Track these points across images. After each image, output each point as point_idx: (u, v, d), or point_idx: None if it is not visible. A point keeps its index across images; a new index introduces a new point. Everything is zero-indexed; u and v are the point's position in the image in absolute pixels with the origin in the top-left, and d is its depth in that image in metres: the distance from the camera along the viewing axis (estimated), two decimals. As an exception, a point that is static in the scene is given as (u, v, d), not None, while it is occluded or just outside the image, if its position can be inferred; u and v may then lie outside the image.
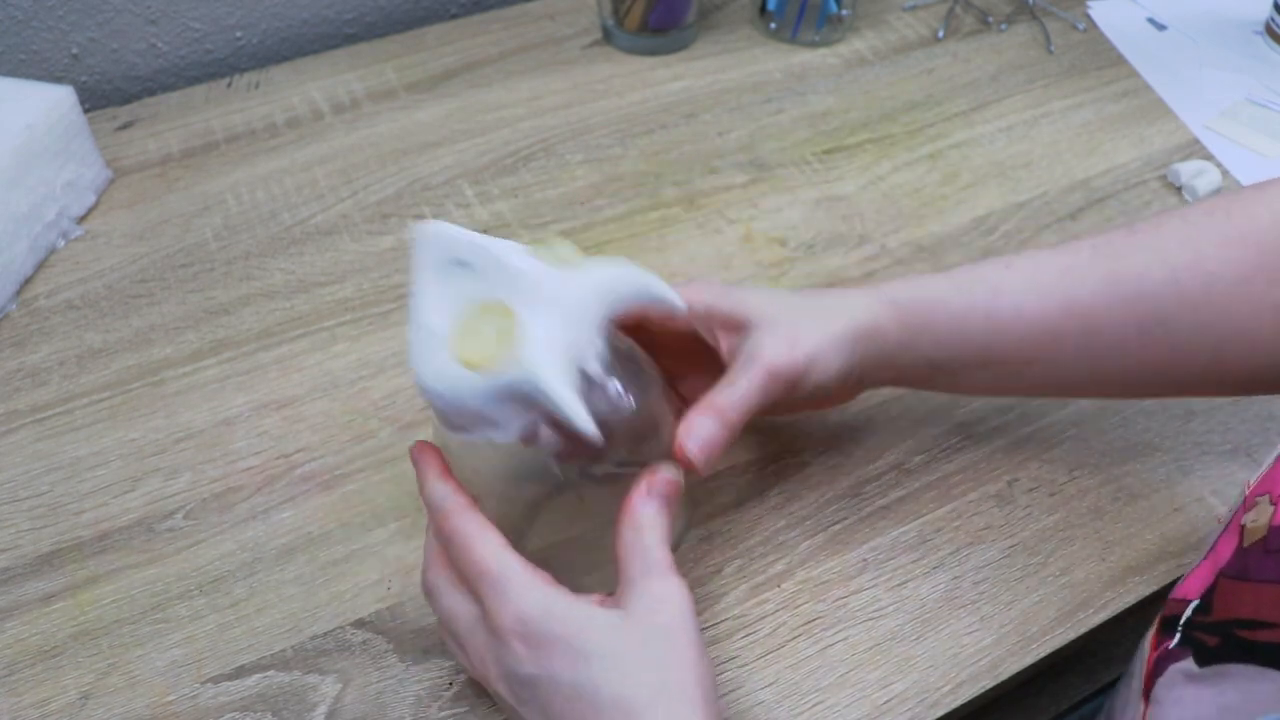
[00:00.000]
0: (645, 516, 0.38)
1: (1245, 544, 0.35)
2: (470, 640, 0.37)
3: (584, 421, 0.35)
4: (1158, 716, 0.37)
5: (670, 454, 0.40)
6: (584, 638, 0.35)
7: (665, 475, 0.39)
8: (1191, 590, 0.39)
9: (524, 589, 0.36)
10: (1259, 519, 0.35)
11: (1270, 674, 0.33)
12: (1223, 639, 0.35)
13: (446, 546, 0.38)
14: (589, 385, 0.36)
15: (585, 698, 0.34)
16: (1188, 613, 0.38)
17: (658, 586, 0.36)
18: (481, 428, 0.37)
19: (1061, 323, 0.43)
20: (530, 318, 0.35)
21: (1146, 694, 0.39)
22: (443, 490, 0.39)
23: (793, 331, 0.41)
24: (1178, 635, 0.38)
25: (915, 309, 0.44)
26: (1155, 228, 0.44)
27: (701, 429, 0.39)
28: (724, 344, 0.43)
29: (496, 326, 0.36)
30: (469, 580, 0.37)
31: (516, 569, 0.36)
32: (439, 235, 0.37)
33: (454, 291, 0.36)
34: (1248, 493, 0.38)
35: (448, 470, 0.40)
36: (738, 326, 0.43)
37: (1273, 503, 0.35)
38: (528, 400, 0.35)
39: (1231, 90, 0.76)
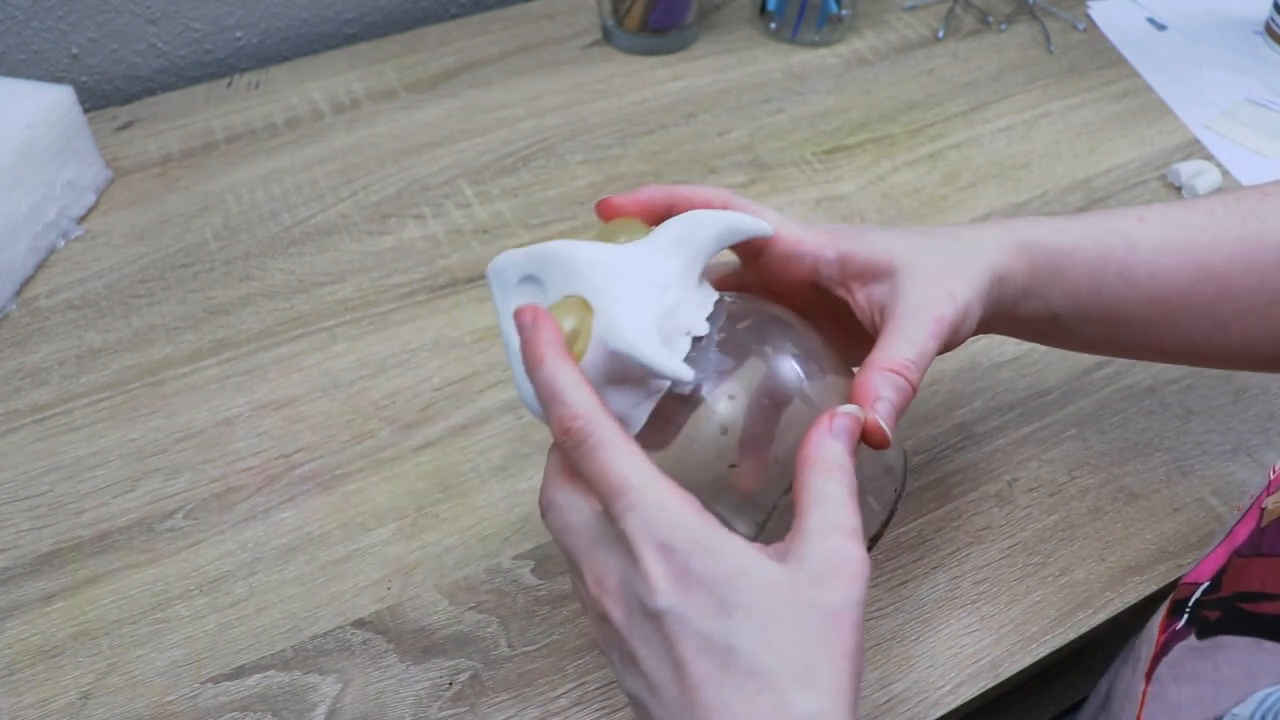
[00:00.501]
0: (831, 455, 0.32)
1: (1263, 524, 0.35)
2: (590, 558, 0.32)
3: (668, 364, 0.32)
4: (1158, 694, 0.36)
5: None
6: (733, 585, 0.30)
7: (850, 413, 0.33)
8: (1204, 574, 0.38)
9: (672, 513, 0.30)
10: (1275, 506, 0.35)
11: (1268, 645, 0.32)
12: (1224, 612, 0.35)
13: (575, 450, 0.32)
14: (702, 345, 0.34)
15: (716, 653, 0.29)
16: (1197, 594, 0.38)
17: (836, 552, 0.31)
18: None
19: (1194, 285, 0.40)
20: (603, 298, 0.33)
21: (1149, 675, 0.38)
22: (570, 379, 0.32)
23: (944, 278, 0.37)
24: (1185, 616, 0.38)
25: (1048, 255, 0.40)
26: None
27: (885, 390, 0.34)
28: (859, 295, 0.38)
29: (574, 319, 0.33)
30: (604, 494, 0.31)
31: (663, 488, 0.31)
32: (504, 263, 0.36)
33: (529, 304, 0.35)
34: (1273, 477, 0.38)
35: (569, 352, 0.33)
36: (878, 274, 0.38)
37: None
38: (625, 373, 0.33)
39: (1231, 90, 0.76)
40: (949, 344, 0.37)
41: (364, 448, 0.51)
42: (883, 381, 0.34)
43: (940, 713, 0.42)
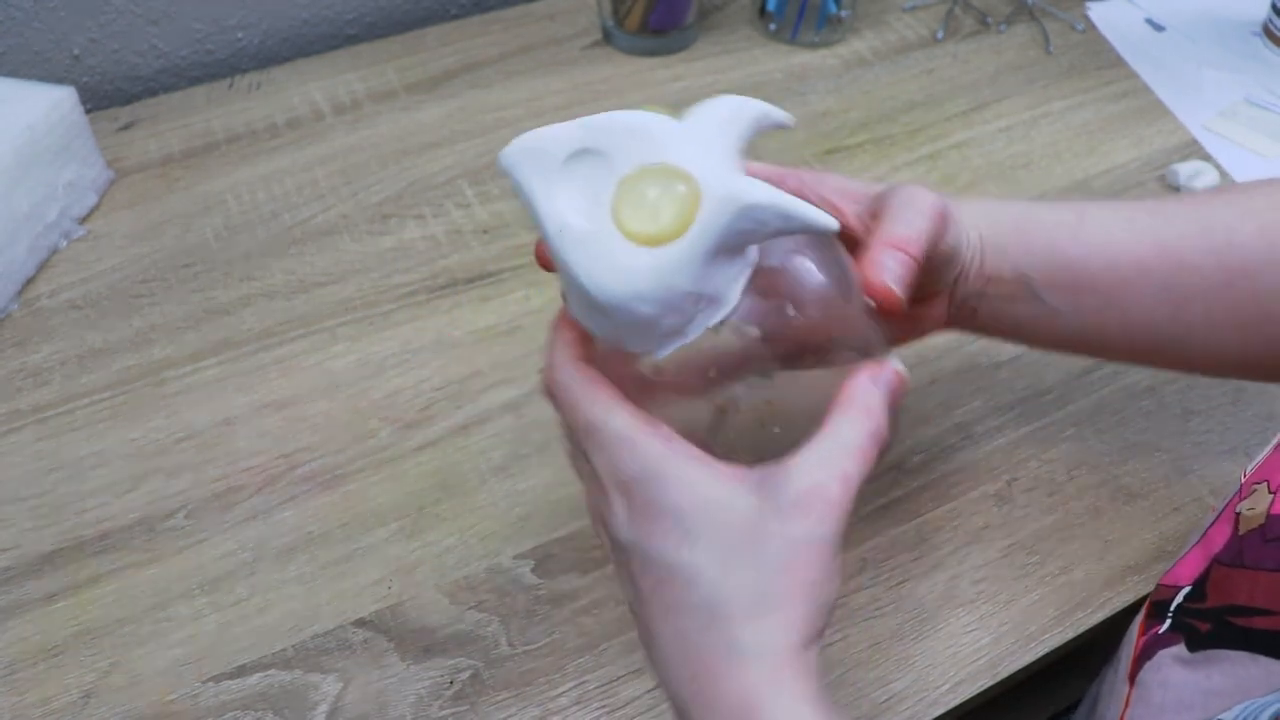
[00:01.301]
0: (865, 399, 0.32)
1: (1241, 531, 0.36)
2: (587, 488, 0.34)
3: (812, 211, 0.29)
4: (1142, 699, 0.37)
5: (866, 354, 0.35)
6: (696, 515, 0.30)
7: (898, 370, 0.34)
8: (1183, 576, 0.39)
9: (636, 446, 0.31)
10: (1256, 506, 0.36)
11: (1262, 660, 0.33)
12: (1215, 625, 0.35)
13: (553, 403, 0.33)
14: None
15: (676, 585, 0.30)
16: (1179, 599, 0.38)
17: (814, 488, 0.30)
18: (700, 312, 0.31)
19: (1150, 259, 0.41)
20: (702, 164, 0.30)
21: (1132, 678, 0.39)
22: (557, 337, 0.34)
23: (926, 192, 0.38)
24: (1168, 621, 0.38)
25: (1005, 214, 0.41)
26: (1244, 189, 0.43)
27: (892, 261, 0.35)
28: (850, 214, 0.39)
29: (661, 188, 0.30)
30: (578, 438, 0.33)
31: (628, 423, 0.31)
32: (537, 141, 0.31)
33: (587, 185, 0.31)
34: (1244, 480, 0.38)
35: (584, 345, 0.34)
36: (865, 196, 0.39)
37: (1271, 491, 0.35)
38: (747, 237, 0.30)
39: (1230, 91, 0.76)
40: (940, 240, 0.37)
41: (364, 448, 0.52)
42: (885, 253, 0.35)
43: (939, 712, 0.43)
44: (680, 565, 0.30)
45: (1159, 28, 0.83)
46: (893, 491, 0.50)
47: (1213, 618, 0.36)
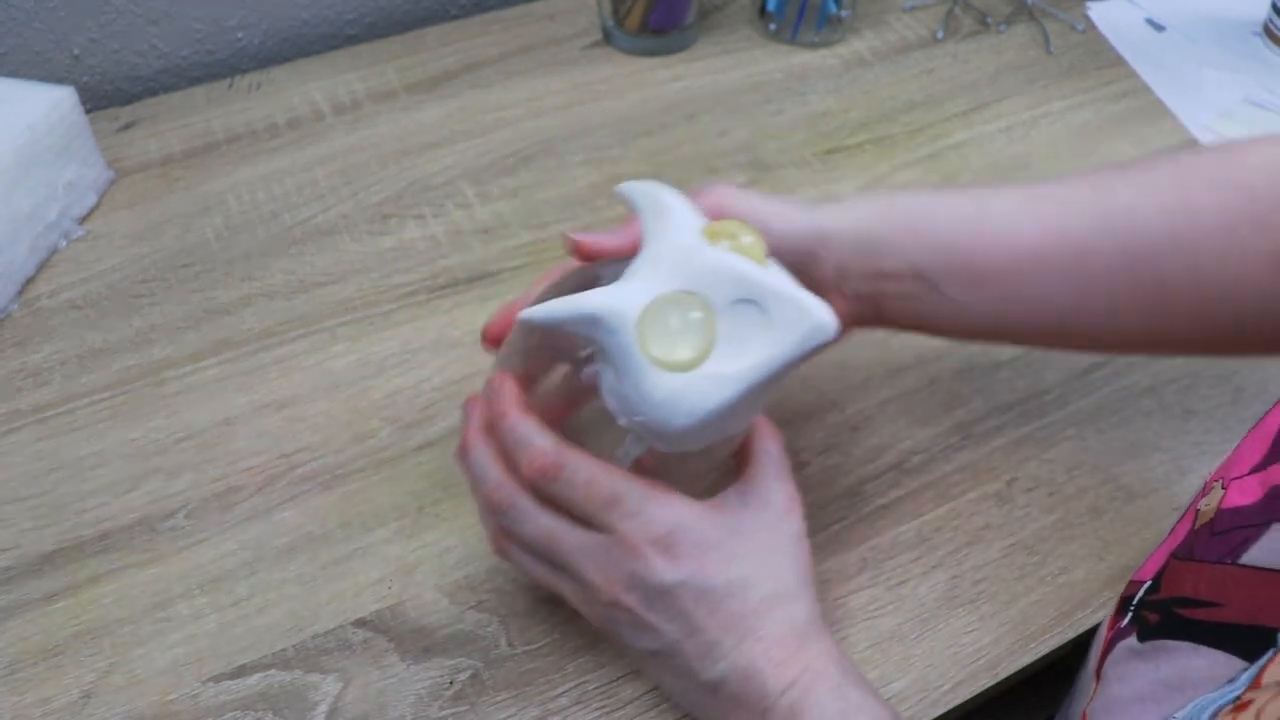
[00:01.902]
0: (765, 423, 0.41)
1: (1196, 526, 0.36)
2: (583, 561, 0.37)
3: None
4: (1104, 693, 0.37)
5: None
6: (730, 542, 0.37)
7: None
8: (1148, 573, 0.39)
9: (660, 507, 0.37)
10: (1211, 502, 0.36)
11: (1204, 651, 0.33)
12: (1163, 616, 0.36)
13: (555, 481, 0.37)
14: None
15: (735, 597, 0.37)
16: (1140, 593, 0.38)
17: (789, 494, 0.40)
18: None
19: (1050, 248, 0.41)
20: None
21: (1098, 673, 0.39)
22: (531, 426, 0.38)
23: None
24: (1129, 615, 0.38)
25: (900, 207, 0.43)
26: (1148, 167, 0.43)
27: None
28: None
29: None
30: (595, 508, 0.37)
31: (642, 490, 0.37)
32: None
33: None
34: (1208, 479, 0.39)
35: (528, 408, 0.39)
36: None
37: (1224, 487, 0.35)
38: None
39: (1230, 91, 0.76)
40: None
41: (364, 447, 0.52)
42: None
43: (939, 711, 0.43)
44: (734, 579, 0.37)
45: (1159, 28, 0.83)
46: (893, 491, 0.50)
47: (1161, 608, 0.36)
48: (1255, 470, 0.34)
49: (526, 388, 0.40)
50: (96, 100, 0.74)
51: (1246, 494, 0.34)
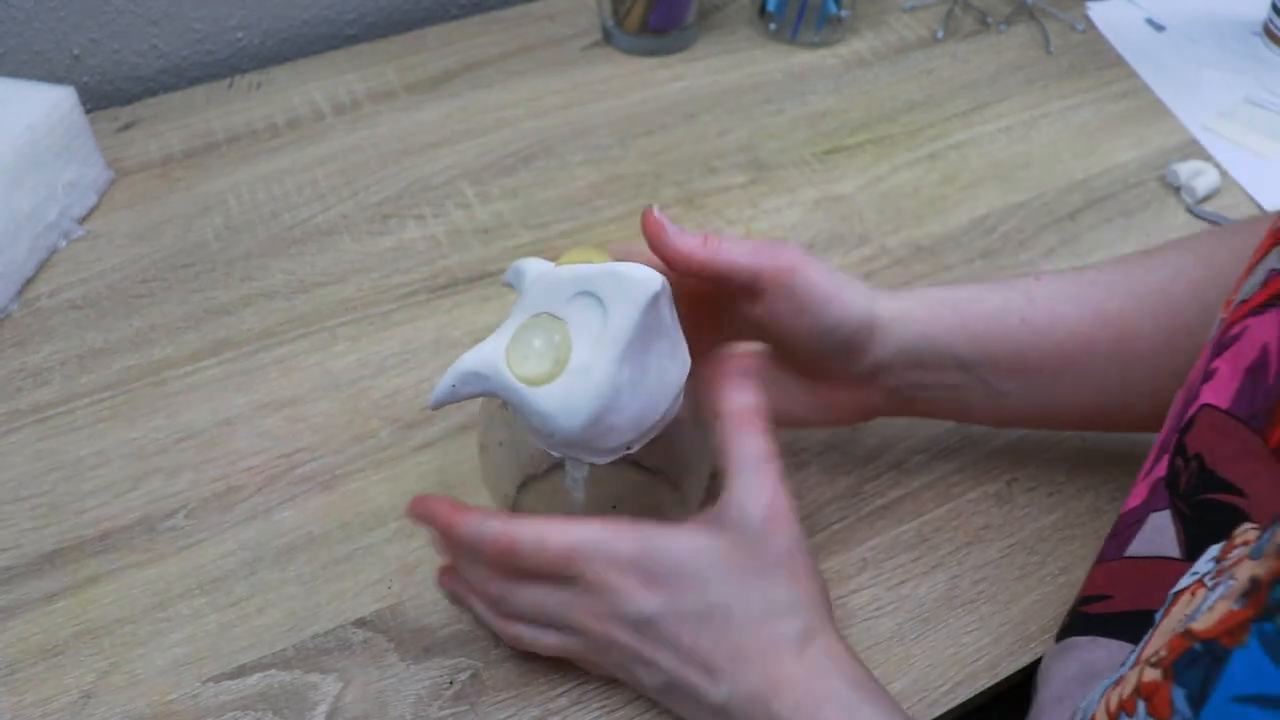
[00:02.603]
0: (742, 405, 0.39)
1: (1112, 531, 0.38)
2: (571, 614, 0.38)
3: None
4: (1036, 701, 0.38)
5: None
6: (698, 566, 0.36)
7: (747, 349, 0.39)
8: None
9: (616, 540, 0.37)
10: (1118, 512, 0.38)
11: (1102, 642, 0.35)
12: (1071, 616, 0.37)
13: (516, 558, 0.38)
14: None
15: (716, 620, 0.36)
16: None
17: (769, 510, 0.37)
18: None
19: (1095, 331, 0.43)
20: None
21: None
22: (477, 519, 0.39)
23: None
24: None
25: (948, 302, 0.43)
26: (1173, 249, 0.45)
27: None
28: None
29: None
30: (557, 568, 0.37)
31: (596, 530, 0.37)
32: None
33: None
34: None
35: (464, 507, 0.40)
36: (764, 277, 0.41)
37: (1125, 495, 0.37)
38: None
39: (1230, 91, 0.76)
40: (791, 302, 0.41)
41: (364, 447, 0.52)
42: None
43: (939, 712, 0.43)
44: (713, 604, 0.36)
45: (1159, 28, 0.83)
46: (893, 491, 0.50)
47: (1071, 611, 0.38)
48: (1146, 476, 0.36)
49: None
50: (96, 100, 0.74)
51: (1136, 497, 0.36)
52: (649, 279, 0.36)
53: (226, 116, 0.71)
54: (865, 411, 0.45)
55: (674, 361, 0.38)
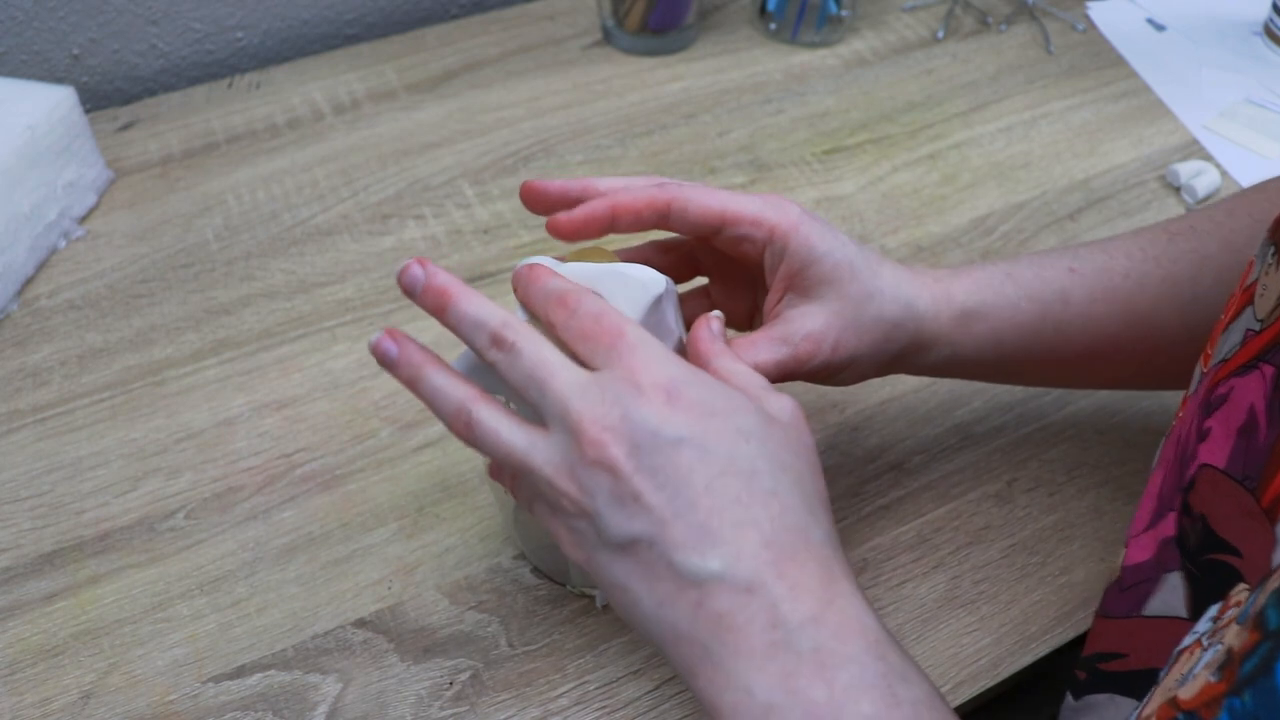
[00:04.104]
0: (721, 349, 0.37)
1: (1108, 584, 0.38)
2: (572, 401, 0.32)
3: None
4: None
5: None
6: (745, 416, 0.32)
7: (717, 315, 0.38)
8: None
9: (667, 354, 0.33)
10: (1116, 561, 0.38)
11: (1118, 700, 0.35)
12: (1088, 673, 0.37)
13: (570, 315, 0.34)
14: None
15: (741, 475, 0.31)
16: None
17: (790, 404, 0.35)
18: None
19: (1123, 331, 0.43)
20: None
21: None
22: (548, 274, 0.36)
23: (842, 322, 0.39)
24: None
25: (986, 320, 0.42)
26: (1195, 234, 0.44)
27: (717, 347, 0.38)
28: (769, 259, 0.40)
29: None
30: (603, 341, 0.33)
31: (650, 335, 0.34)
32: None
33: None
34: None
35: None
36: (800, 269, 0.39)
37: (1125, 544, 0.36)
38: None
39: (1230, 91, 0.76)
40: (805, 373, 0.39)
41: (364, 448, 0.52)
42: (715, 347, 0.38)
43: (939, 712, 0.43)
44: (739, 456, 0.32)
45: (1159, 28, 0.83)
46: (893, 491, 0.50)
47: (1086, 666, 0.37)
48: (1148, 529, 0.35)
49: None
50: (96, 100, 0.74)
51: (1143, 550, 0.35)
52: (652, 280, 0.36)
53: (226, 116, 0.71)
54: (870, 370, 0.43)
55: None
